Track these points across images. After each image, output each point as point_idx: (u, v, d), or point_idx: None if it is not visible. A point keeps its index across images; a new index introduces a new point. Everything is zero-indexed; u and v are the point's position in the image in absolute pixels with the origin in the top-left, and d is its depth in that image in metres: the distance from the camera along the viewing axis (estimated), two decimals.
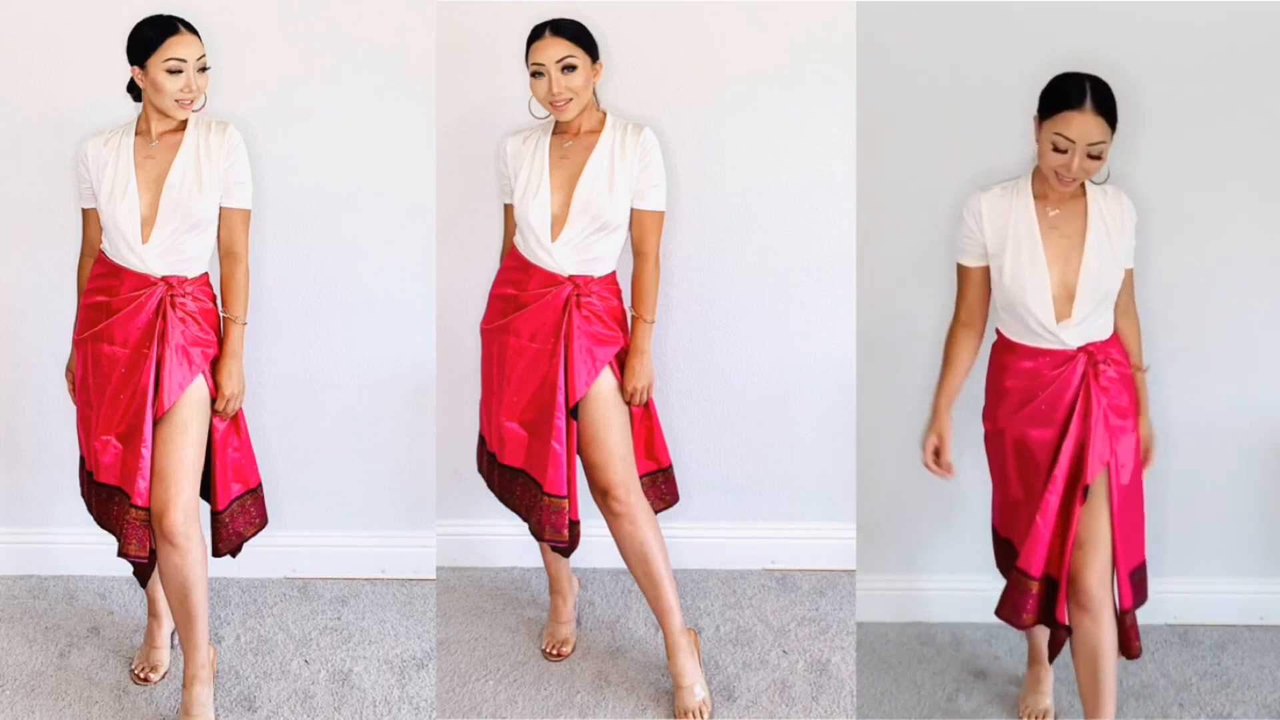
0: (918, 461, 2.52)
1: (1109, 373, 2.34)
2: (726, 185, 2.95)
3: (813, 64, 2.87)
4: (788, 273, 3.01)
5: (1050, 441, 2.35)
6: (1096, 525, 2.33)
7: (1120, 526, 2.34)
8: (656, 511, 2.62)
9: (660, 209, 2.54)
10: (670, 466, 2.72)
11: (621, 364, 2.58)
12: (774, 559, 3.17)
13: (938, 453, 2.50)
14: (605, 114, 2.54)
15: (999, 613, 2.43)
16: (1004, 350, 2.42)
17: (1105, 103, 2.21)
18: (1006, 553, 2.51)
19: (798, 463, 3.13)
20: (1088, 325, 2.33)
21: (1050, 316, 2.31)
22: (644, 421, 2.65)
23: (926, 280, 2.87)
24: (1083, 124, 2.20)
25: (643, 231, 2.54)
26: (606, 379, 2.54)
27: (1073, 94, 2.21)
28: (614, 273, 2.57)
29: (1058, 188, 2.29)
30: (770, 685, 2.70)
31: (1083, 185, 2.34)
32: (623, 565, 2.61)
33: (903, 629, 3.03)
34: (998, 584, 2.48)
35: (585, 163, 2.50)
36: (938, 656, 2.92)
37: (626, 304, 2.61)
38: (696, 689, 2.58)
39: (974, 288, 2.43)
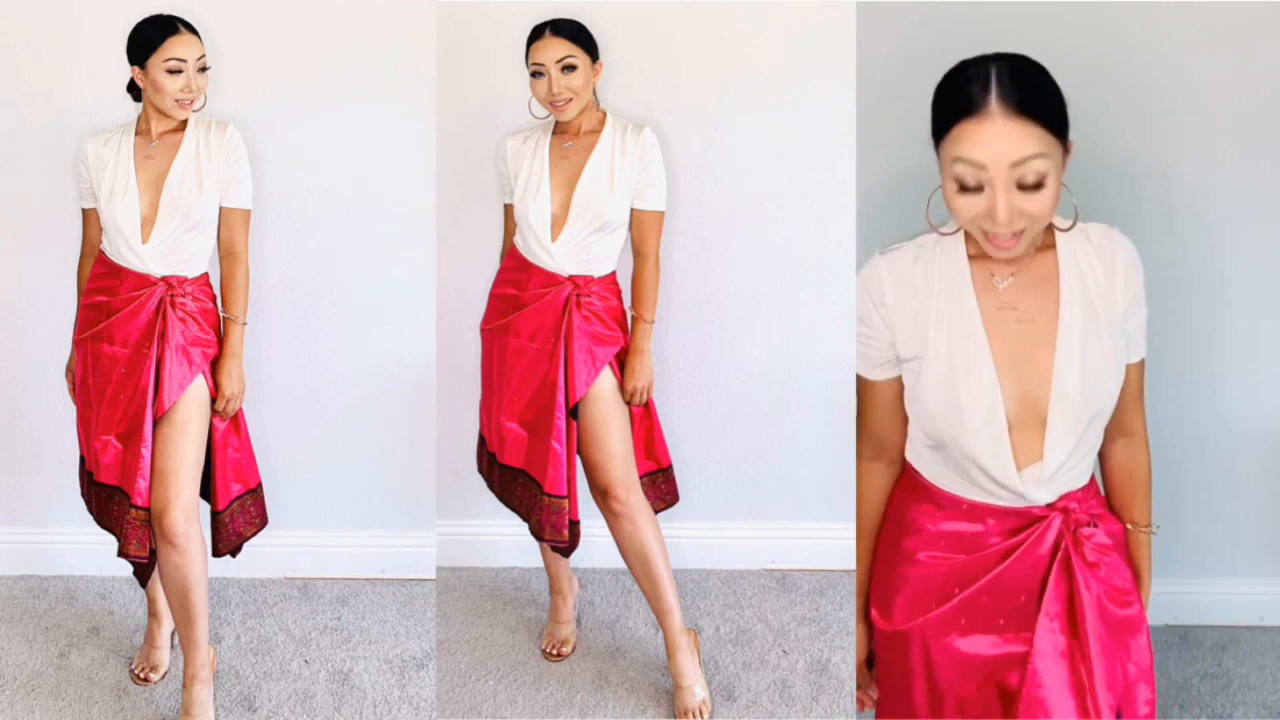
0: None
1: (1098, 539, 1.50)
2: (726, 185, 2.95)
3: (813, 64, 2.87)
4: (788, 273, 3.01)
5: (999, 663, 1.48)
6: None
7: None
8: (656, 511, 2.62)
9: (660, 209, 2.54)
10: (670, 466, 2.72)
11: (621, 364, 2.58)
12: (774, 559, 3.17)
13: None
14: (605, 114, 2.55)
15: None
16: (922, 503, 1.57)
17: (1026, 96, 1.38)
18: None
19: (798, 463, 3.13)
20: (1064, 472, 1.47)
21: (1010, 465, 1.45)
22: (644, 421, 2.65)
23: None
24: (991, 136, 1.39)
25: (643, 231, 2.54)
26: (606, 379, 2.54)
27: (973, 91, 1.42)
28: (614, 273, 2.57)
29: (994, 253, 1.45)
30: (770, 685, 2.70)
31: (1050, 228, 1.52)
32: (623, 565, 2.61)
33: None
34: None
35: (585, 163, 2.50)
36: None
37: (626, 304, 2.61)
38: (696, 689, 2.58)
39: (879, 409, 1.62)
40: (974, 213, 1.40)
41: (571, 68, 2.43)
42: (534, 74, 2.46)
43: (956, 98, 1.43)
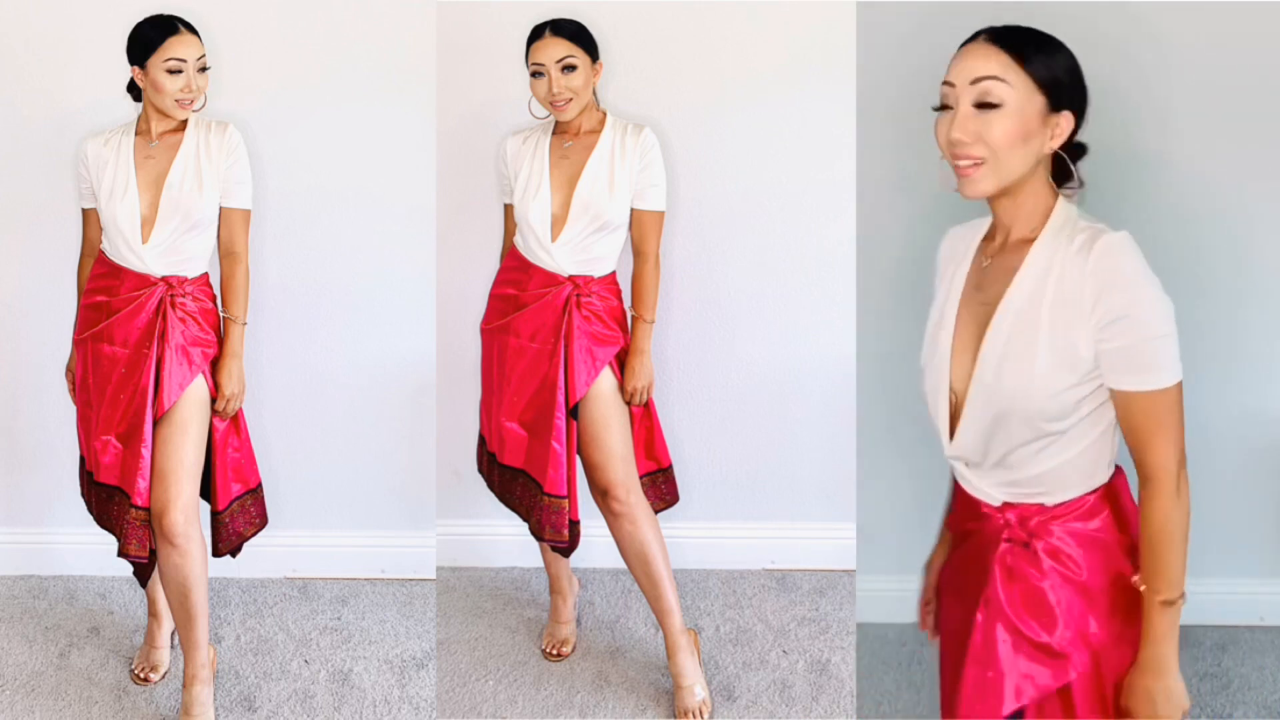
0: (918, 461, 2.52)
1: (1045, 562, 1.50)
2: (726, 185, 2.95)
3: (813, 64, 2.87)
4: (788, 273, 3.01)
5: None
6: None
7: None
8: (656, 511, 2.62)
9: (660, 209, 2.54)
10: (670, 466, 2.72)
11: (621, 364, 2.58)
12: (774, 559, 3.17)
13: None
14: (605, 114, 2.54)
15: None
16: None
17: (1008, 34, 1.53)
18: None
19: (798, 463, 3.13)
20: (991, 469, 1.50)
21: (944, 429, 1.54)
22: (644, 421, 2.65)
23: (927, 280, 2.87)
24: (964, 57, 1.52)
25: (643, 231, 2.54)
26: (606, 379, 2.54)
27: (976, 32, 1.56)
28: (614, 273, 2.57)
29: (962, 189, 1.54)
30: (770, 685, 2.70)
31: (1042, 222, 1.55)
32: (623, 565, 2.61)
33: (903, 629, 3.02)
34: None
35: (585, 163, 2.50)
36: (937, 657, 2.91)
37: (626, 304, 2.61)
38: (696, 689, 2.58)
39: None
40: (943, 134, 1.49)
41: (571, 68, 2.43)
42: (534, 74, 2.46)
43: (966, 39, 1.53)
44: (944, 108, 1.50)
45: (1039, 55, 1.50)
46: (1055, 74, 1.51)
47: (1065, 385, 1.45)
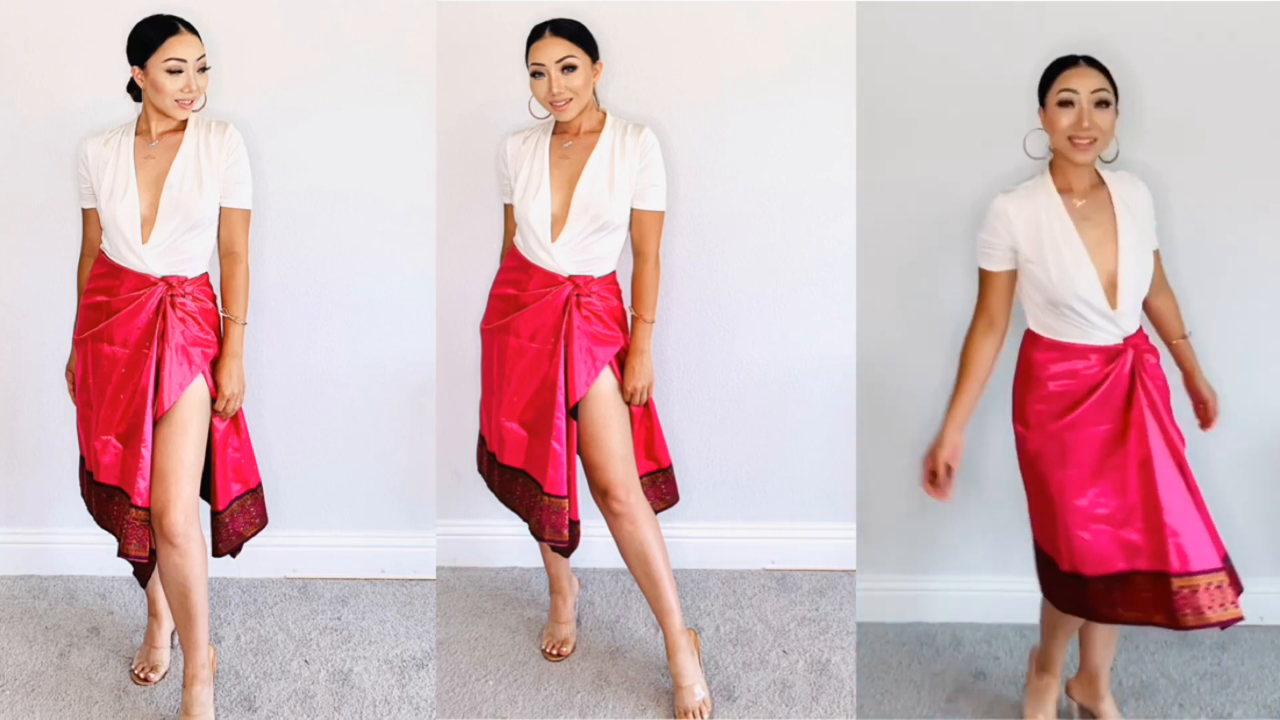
0: (918, 461, 2.52)
1: (1151, 362, 2.32)
2: (726, 185, 2.95)
3: (813, 64, 2.88)
4: (788, 273, 3.01)
5: (1105, 436, 2.27)
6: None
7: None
8: (656, 511, 2.62)
9: (660, 209, 2.54)
10: (670, 466, 2.72)
11: (621, 364, 2.58)
12: (774, 559, 3.17)
13: (947, 470, 2.37)
14: (605, 114, 2.54)
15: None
16: (1046, 352, 2.32)
17: (1098, 64, 2.28)
18: (1054, 575, 2.38)
19: (798, 463, 3.13)
20: (1130, 316, 2.30)
21: (1105, 306, 2.25)
22: (644, 421, 2.65)
23: (927, 280, 2.87)
24: (1081, 76, 2.25)
25: (643, 231, 2.54)
26: (606, 379, 2.54)
27: (1064, 61, 2.29)
28: (614, 273, 2.57)
29: (1075, 158, 2.25)
30: (770, 685, 2.70)
31: (1099, 175, 2.33)
32: (623, 565, 2.61)
33: (903, 629, 3.03)
34: (998, 584, 2.47)
35: (585, 163, 2.50)
36: (938, 656, 2.92)
37: (626, 304, 2.61)
38: (696, 689, 2.58)
39: (998, 293, 2.34)
40: (1069, 121, 2.24)
41: (571, 68, 2.43)
42: (534, 74, 2.46)
43: (1059, 63, 2.29)
44: (1066, 104, 2.25)
45: (1109, 75, 2.29)
46: (1115, 84, 2.29)
47: (1152, 256, 2.36)
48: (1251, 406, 2.88)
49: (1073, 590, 2.33)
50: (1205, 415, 2.52)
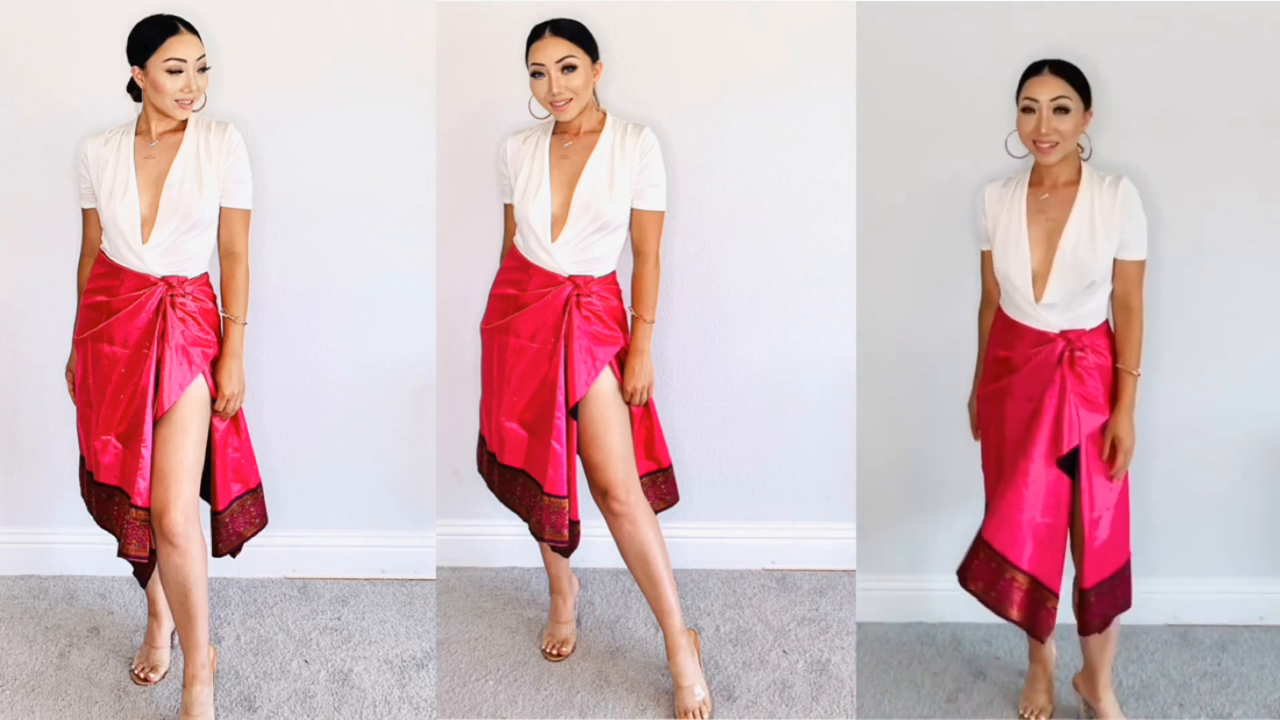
0: (918, 461, 2.53)
1: (1085, 360, 2.38)
2: (726, 185, 2.95)
3: (813, 64, 2.88)
4: (787, 273, 3.01)
5: (1024, 416, 2.40)
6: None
7: (1090, 512, 2.40)
8: (656, 511, 2.62)
9: (660, 209, 2.54)
10: (670, 466, 2.72)
11: (621, 364, 2.58)
12: (774, 559, 3.17)
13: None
14: (605, 114, 2.54)
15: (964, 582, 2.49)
16: (1000, 323, 2.49)
17: (1063, 69, 2.36)
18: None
19: (798, 463, 3.13)
20: (1067, 309, 2.38)
21: (1029, 294, 2.38)
22: (644, 421, 2.65)
23: (926, 280, 2.87)
24: (1043, 82, 2.34)
25: (643, 231, 2.54)
26: (606, 379, 2.54)
27: (1031, 68, 2.38)
28: (614, 273, 2.57)
29: (1039, 159, 2.38)
30: (770, 685, 2.70)
31: (1079, 172, 2.40)
32: (623, 565, 2.61)
33: (903, 629, 3.03)
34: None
35: (585, 163, 2.50)
36: (938, 656, 2.92)
37: (626, 304, 2.61)
38: (696, 689, 2.58)
39: (986, 269, 2.54)
40: (1029, 127, 2.36)
41: (571, 68, 2.43)
42: (534, 74, 2.46)
43: (1028, 71, 2.39)
44: (1028, 111, 2.36)
45: (1079, 79, 2.36)
46: (1086, 88, 2.38)
47: (1104, 260, 2.38)
48: (1251, 407, 2.88)
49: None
50: (1111, 460, 2.39)
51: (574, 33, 2.45)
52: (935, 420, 2.89)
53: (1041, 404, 2.38)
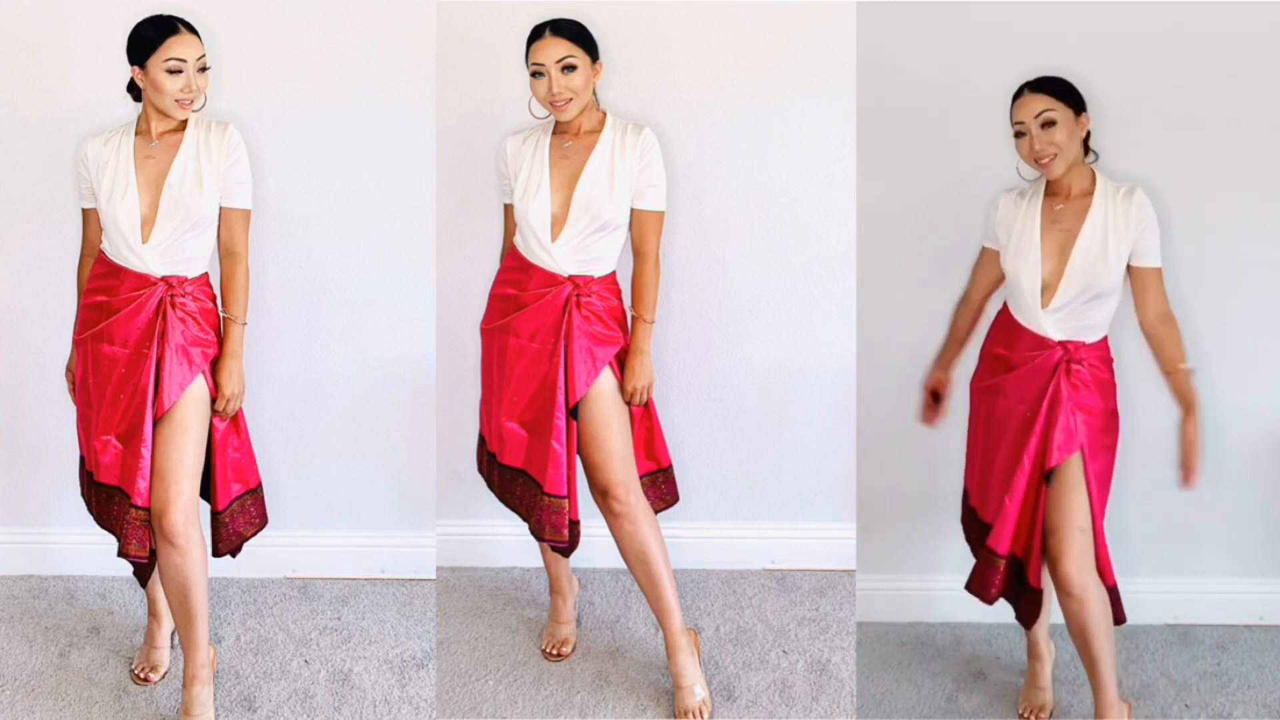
0: (918, 461, 2.53)
1: (1081, 372, 2.41)
2: (726, 185, 2.95)
3: (813, 64, 2.88)
4: (788, 273, 3.01)
5: (1019, 416, 2.44)
6: (1069, 510, 2.38)
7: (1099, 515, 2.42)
8: (656, 511, 2.62)
9: (660, 209, 2.54)
10: (670, 466, 2.72)
11: (621, 364, 2.58)
12: (774, 559, 3.17)
13: (936, 396, 2.67)
14: (605, 114, 2.54)
15: (969, 587, 2.50)
16: (1002, 320, 2.52)
17: (1043, 85, 2.39)
18: (971, 522, 2.62)
19: (798, 463, 3.13)
20: (1070, 319, 2.41)
21: (1036, 301, 2.41)
22: (644, 421, 2.65)
23: (926, 280, 2.87)
24: (1025, 103, 2.39)
25: (643, 231, 2.54)
26: (606, 379, 2.54)
27: (1015, 93, 2.42)
28: (614, 273, 2.57)
29: (1047, 174, 2.42)
30: (770, 685, 2.70)
31: (1094, 181, 2.43)
32: (623, 565, 2.61)
33: (903, 629, 3.03)
34: None
35: (585, 163, 2.50)
36: (938, 656, 2.92)
37: (626, 304, 2.61)
38: (696, 689, 2.58)
39: (978, 265, 2.60)
40: (1025, 149, 2.41)
41: (571, 68, 2.43)
42: (534, 74, 2.46)
43: (1013, 94, 2.43)
44: (1020, 135, 2.41)
45: (1064, 89, 2.40)
46: (1075, 96, 2.40)
47: (1115, 271, 2.40)
48: (1251, 407, 2.88)
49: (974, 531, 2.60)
50: (1184, 466, 2.44)
51: (574, 33, 2.45)
52: None
53: (1035, 413, 2.40)
